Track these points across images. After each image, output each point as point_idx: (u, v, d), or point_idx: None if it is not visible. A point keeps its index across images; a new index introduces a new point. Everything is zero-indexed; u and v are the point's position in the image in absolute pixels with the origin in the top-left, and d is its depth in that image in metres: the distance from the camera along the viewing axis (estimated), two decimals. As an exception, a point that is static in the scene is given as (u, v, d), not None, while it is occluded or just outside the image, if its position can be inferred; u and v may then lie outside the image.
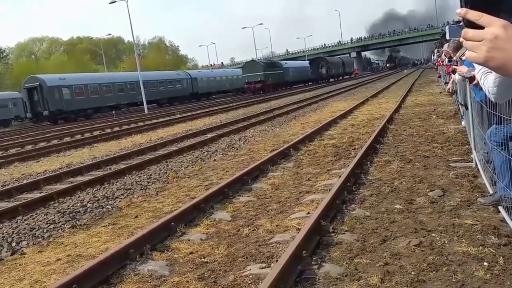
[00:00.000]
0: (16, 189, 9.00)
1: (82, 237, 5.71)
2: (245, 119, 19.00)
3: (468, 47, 0.91)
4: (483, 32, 0.88)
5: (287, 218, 5.39)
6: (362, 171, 7.05)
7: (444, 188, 5.66)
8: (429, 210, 4.98)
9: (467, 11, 0.90)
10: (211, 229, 5.32)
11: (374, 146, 8.82)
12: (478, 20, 0.88)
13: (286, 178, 7.46)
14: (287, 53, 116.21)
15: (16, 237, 6.04)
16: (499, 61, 0.88)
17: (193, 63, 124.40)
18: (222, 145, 12.31)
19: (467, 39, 0.91)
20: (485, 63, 0.90)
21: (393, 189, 5.94)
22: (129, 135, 18.21)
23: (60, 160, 13.07)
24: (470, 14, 0.89)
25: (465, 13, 0.90)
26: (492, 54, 0.87)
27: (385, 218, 4.87)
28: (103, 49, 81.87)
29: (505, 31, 0.86)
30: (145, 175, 9.21)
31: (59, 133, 23.51)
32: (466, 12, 0.90)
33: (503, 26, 0.87)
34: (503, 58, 0.87)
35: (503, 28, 0.86)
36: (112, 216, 6.56)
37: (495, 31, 0.86)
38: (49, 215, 6.89)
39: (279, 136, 12.83)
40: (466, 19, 0.90)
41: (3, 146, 19.21)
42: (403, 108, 15.70)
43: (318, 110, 19.78)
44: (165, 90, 49.58)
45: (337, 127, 13.00)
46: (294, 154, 9.41)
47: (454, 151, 7.76)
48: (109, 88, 42.00)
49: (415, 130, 10.53)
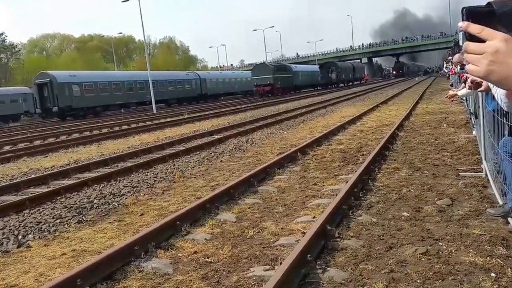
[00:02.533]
0: (24, 183, 9.04)
1: (87, 233, 5.72)
2: (252, 122, 18.99)
3: (469, 60, 0.91)
4: (484, 45, 0.88)
5: (292, 221, 5.36)
6: (370, 177, 7.00)
7: (452, 197, 5.61)
8: (437, 218, 4.93)
9: (468, 25, 0.90)
10: (216, 230, 5.31)
11: (383, 153, 8.77)
12: (479, 33, 0.89)
13: (293, 182, 7.43)
14: (297, 57, 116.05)
15: (22, 230, 6.06)
16: (500, 75, 0.88)
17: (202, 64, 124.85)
18: (229, 146, 12.31)
19: (468, 52, 0.91)
20: (486, 77, 0.90)
21: (401, 196, 5.90)
22: (137, 134, 18.27)
23: (68, 156, 13.13)
24: (471, 28, 0.90)
25: (466, 26, 0.90)
26: (493, 67, 0.88)
27: (391, 225, 4.83)
28: (114, 48, 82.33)
29: (506, 45, 0.87)
30: (152, 174, 9.22)
31: (68, 129, 23.65)
32: (468, 26, 0.90)
33: (505, 40, 0.87)
34: (504, 72, 0.88)
35: (505, 42, 0.87)
36: (118, 213, 6.57)
37: (496, 44, 0.87)
38: (56, 210, 6.92)
39: (286, 139, 12.80)
40: (468, 33, 0.91)
41: (13, 140, 19.36)
42: (414, 115, 15.60)
43: (326, 115, 19.72)
44: (174, 90, 49.75)
45: (346, 132, 12.94)
46: (301, 158, 9.38)
47: (464, 160, 7.70)
48: (119, 86, 42.23)
49: (425, 138, 10.46)
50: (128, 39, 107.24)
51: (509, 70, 0.87)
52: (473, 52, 0.90)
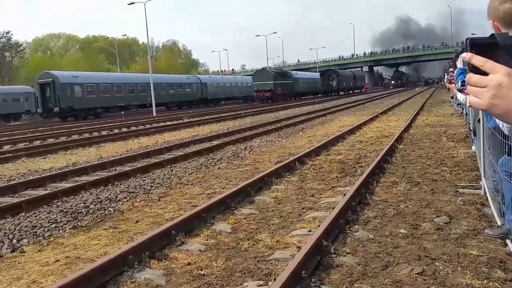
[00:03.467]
0: (21, 184, 9.02)
1: (82, 239, 5.68)
2: (252, 128, 18.98)
3: (472, 92, 0.91)
4: (487, 79, 0.88)
5: (288, 234, 5.32)
6: (367, 190, 6.97)
7: (450, 215, 5.57)
8: (434, 237, 4.89)
9: (472, 56, 0.90)
10: (210, 240, 5.27)
11: (382, 166, 8.74)
12: (482, 66, 0.89)
13: (290, 193, 7.39)
14: (299, 64, 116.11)
15: (17, 234, 6.03)
16: (502, 109, 0.89)
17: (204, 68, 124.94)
18: (227, 153, 12.28)
19: (471, 84, 0.91)
20: (488, 110, 0.91)
21: (399, 212, 5.86)
22: (136, 137, 18.23)
23: (67, 158, 13.10)
24: (474, 59, 0.90)
25: (470, 58, 0.90)
26: (495, 101, 0.88)
27: (388, 242, 4.79)
28: (118, 49, 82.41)
29: (509, 79, 0.87)
30: (149, 179, 9.18)
31: (68, 130, 23.60)
32: (471, 57, 0.90)
33: (508, 74, 0.87)
34: (506, 106, 0.88)
35: (507, 76, 0.87)
36: (114, 219, 6.52)
37: (499, 78, 0.87)
38: (52, 214, 6.87)
39: (285, 147, 12.77)
40: (471, 64, 0.91)
41: (12, 140, 19.32)
42: (413, 127, 15.56)
43: (326, 124, 19.70)
44: (175, 94, 49.75)
45: (345, 142, 12.91)
46: (299, 167, 9.34)
47: (463, 176, 7.66)
48: (120, 88, 42.24)
49: (424, 151, 10.41)
50: (132, 41, 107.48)
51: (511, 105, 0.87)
52: (476, 85, 0.90)
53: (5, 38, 71.99)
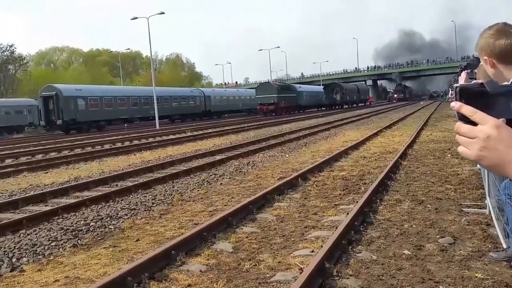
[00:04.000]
0: (23, 200, 8.99)
1: (82, 258, 5.62)
2: (255, 142, 18.92)
3: (461, 142, 0.91)
4: (476, 130, 0.88)
5: (290, 254, 5.25)
6: (371, 209, 6.89)
7: (455, 236, 5.49)
8: (438, 258, 4.81)
9: (461, 106, 0.90)
10: (211, 260, 5.20)
11: (385, 183, 8.65)
12: (471, 116, 0.88)
13: (292, 210, 7.32)
14: (302, 77, 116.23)
15: (17, 252, 5.98)
16: (490, 161, 0.88)
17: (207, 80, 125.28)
18: (230, 168, 12.22)
19: (460, 134, 0.91)
20: (476, 161, 0.91)
21: (402, 232, 5.77)
22: (139, 151, 18.20)
23: (68, 173, 13.06)
24: (464, 109, 0.89)
25: (459, 107, 0.90)
26: (484, 153, 0.88)
27: (392, 264, 4.72)
28: (121, 63, 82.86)
29: (498, 132, 0.86)
30: (151, 195, 9.13)
31: (71, 144, 23.60)
32: (461, 107, 0.90)
33: (496, 126, 0.86)
34: (495, 158, 0.87)
35: (496, 128, 0.86)
36: (114, 237, 6.47)
37: (488, 130, 0.87)
38: (52, 232, 6.82)
39: (288, 163, 12.70)
40: (460, 113, 0.90)
41: (14, 153, 19.32)
42: (417, 143, 15.44)
43: (329, 138, 19.61)
44: (178, 106, 49.95)
45: (348, 158, 12.83)
46: (302, 184, 9.27)
47: (468, 194, 7.57)
48: (123, 101, 42.46)
49: (428, 168, 10.31)
50: (135, 55, 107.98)
51: (500, 157, 0.87)
52: (465, 135, 0.90)
53: (8, 51, 72.59)
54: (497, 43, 1.73)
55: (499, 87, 0.94)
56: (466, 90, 0.93)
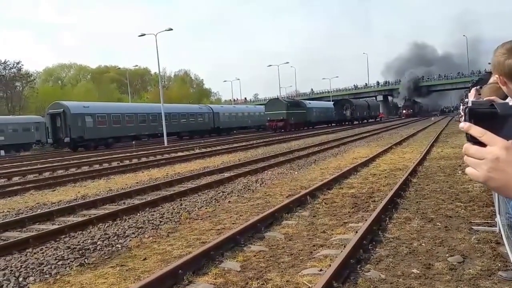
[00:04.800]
0: (29, 219, 9.01)
1: (88, 277, 5.59)
2: (264, 159, 18.88)
3: (469, 163, 0.90)
4: (485, 151, 0.87)
5: (298, 273, 5.19)
6: (380, 227, 6.81)
7: (464, 254, 5.40)
8: (447, 277, 4.73)
9: (470, 126, 0.89)
10: (219, 279, 5.15)
11: (395, 200, 8.56)
12: (480, 137, 0.88)
13: (301, 228, 7.26)
14: (312, 93, 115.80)
15: (24, 272, 5.97)
16: (498, 183, 0.87)
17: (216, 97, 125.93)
18: (238, 186, 12.19)
19: (468, 155, 0.90)
20: (484, 183, 0.89)
21: (412, 250, 5.69)
22: (147, 169, 18.24)
23: (75, 191, 13.10)
24: (473, 130, 0.89)
25: (468, 128, 0.89)
26: (492, 175, 0.87)
27: (400, 283, 4.64)
28: (129, 79, 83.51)
29: (507, 153, 0.86)
30: (158, 214, 9.10)
31: (78, 161, 23.73)
32: (469, 128, 0.89)
33: (505, 148, 0.86)
34: (503, 180, 0.87)
35: (505, 150, 0.86)
36: (121, 256, 6.44)
37: (497, 152, 0.86)
38: (59, 250, 6.81)
39: (297, 180, 12.65)
40: (469, 134, 0.90)
41: (22, 171, 19.46)
42: (428, 160, 15.29)
43: (339, 155, 19.51)
44: (187, 123, 50.09)
45: (358, 175, 12.74)
46: (311, 201, 9.21)
47: (478, 212, 7.47)
48: (131, 118, 42.63)
49: (438, 185, 10.20)
50: (143, 71, 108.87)
51: (508, 179, 0.86)
52: (473, 156, 0.89)
53: (15, 68, 73.59)
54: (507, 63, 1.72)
55: (509, 108, 0.93)
56: (475, 110, 0.92)
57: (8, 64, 72.47)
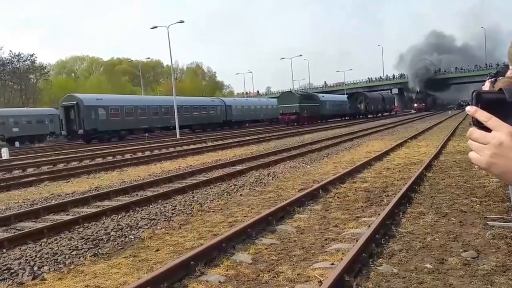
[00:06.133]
0: (44, 209, 9.11)
1: (102, 267, 5.64)
2: (276, 153, 18.85)
3: (473, 148, 0.90)
4: (489, 136, 0.87)
5: (309, 266, 5.18)
6: (393, 221, 6.77)
7: (479, 249, 5.35)
8: (461, 272, 4.70)
9: (476, 110, 0.89)
10: (230, 271, 5.17)
11: (409, 195, 8.49)
12: (486, 122, 0.87)
13: (313, 222, 7.25)
14: (325, 86, 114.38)
15: (38, 261, 6.04)
16: (501, 169, 0.87)
17: (229, 90, 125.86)
18: (250, 179, 12.19)
19: (472, 139, 0.89)
20: (487, 168, 0.89)
21: (425, 245, 5.65)
22: (159, 161, 18.32)
23: (89, 182, 13.21)
24: (478, 114, 0.88)
25: (474, 112, 0.89)
26: (495, 160, 0.86)
27: (413, 278, 4.61)
28: (142, 72, 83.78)
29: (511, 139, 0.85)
30: (170, 206, 9.15)
31: (92, 153, 23.93)
32: (475, 112, 0.89)
33: (510, 134, 0.85)
34: (506, 166, 0.86)
35: (510, 136, 0.85)
36: (134, 247, 6.49)
37: (501, 137, 0.86)
38: (73, 241, 6.89)
39: (309, 174, 12.61)
40: (475, 118, 0.89)
41: (36, 163, 19.66)
42: (443, 154, 15.12)
43: (352, 149, 19.39)
44: (199, 116, 50.16)
45: (371, 169, 12.65)
46: (323, 195, 9.18)
47: (494, 207, 7.38)
48: (144, 110, 42.81)
49: (454, 180, 10.09)
50: (155, 64, 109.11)
51: (511, 165, 0.85)
52: (477, 141, 0.89)
53: (29, 60, 74.18)
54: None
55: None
56: (482, 95, 0.92)
57: (22, 57, 73.17)
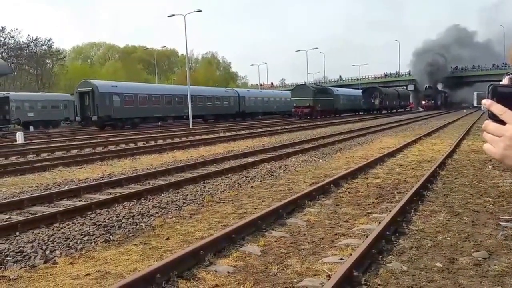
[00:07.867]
0: (57, 194, 9.21)
1: (113, 253, 5.70)
2: (288, 146, 18.83)
3: (487, 140, 0.92)
4: (504, 128, 0.89)
5: (318, 261, 5.19)
6: (404, 219, 6.75)
7: (490, 250, 5.31)
8: (471, 272, 4.67)
9: (491, 104, 0.90)
10: (239, 262, 5.20)
11: (421, 193, 8.44)
12: (501, 115, 0.89)
13: (323, 216, 7.25)
14: (340, 80, 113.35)
15: (50, 245, 6.11)
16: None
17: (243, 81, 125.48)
18: (261, 171, 12.20)
19: (487, 131, 0.91)
20: (500, 160, 0.91)
21: (436, 244, 5.63)
22: (171, 150, 18.39)
23: (102, 169, 13.32)
24: (493, 107, 0.90)
25: (489, 105, 0.90)
26: (508, 152, 0.88)
27: (422, 276, 4.60)
28: (156, 60, 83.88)
29: None
30: (182, 195, 9.20)
31: (105, 140, 24.12)
32: (491, 105, 0.90)
33: None
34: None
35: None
36: (145, 234, 6.54)
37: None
38: (85, 226, 6.96)
39: (321, 168, 12.59)
40: (490, 111, 0.91)
41: (50, 148, 19.87)
42: (458, 152, 15.00)
43: (365, 144, 19.30)
44: (212, 106, 50.24)
45: (384, 165, 12.58)
46: (335, 190, 9.16)
47: (507, 208, 7.31)
48: (158, 99, 43.02)
49: (467, 179, 10.02)
50: (171, 52, 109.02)
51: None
52: (492, 133, 0.90)
53: (46, 45, 74.69)
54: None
55: None
56: (498, 89, 0.93)
57: (40, 41, 73.68)
